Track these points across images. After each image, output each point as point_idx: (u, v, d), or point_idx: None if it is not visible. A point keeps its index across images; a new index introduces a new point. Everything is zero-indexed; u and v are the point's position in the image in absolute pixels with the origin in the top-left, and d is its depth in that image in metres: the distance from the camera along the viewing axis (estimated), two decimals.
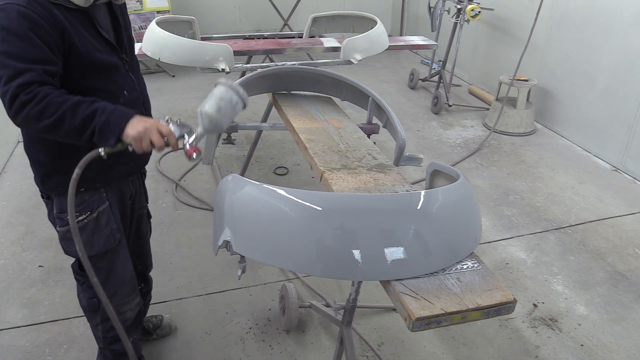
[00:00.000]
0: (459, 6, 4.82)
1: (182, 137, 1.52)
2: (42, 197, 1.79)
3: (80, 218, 1.71)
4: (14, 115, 1.43)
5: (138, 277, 2.11)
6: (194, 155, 1.50)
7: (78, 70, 1.54)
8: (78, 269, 1.95)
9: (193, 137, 1.52)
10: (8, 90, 1.40)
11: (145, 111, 1.83)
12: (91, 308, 1.95)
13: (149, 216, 2.18)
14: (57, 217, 1.75)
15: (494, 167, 4.09)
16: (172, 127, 1.51)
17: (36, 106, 1.40)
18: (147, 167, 2.05)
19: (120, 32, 1.71)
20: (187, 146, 1.50)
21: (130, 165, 1.83)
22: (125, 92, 1.69)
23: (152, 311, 2.57)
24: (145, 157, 1.88)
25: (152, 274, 2.82)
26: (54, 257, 2.95)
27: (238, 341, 2.42)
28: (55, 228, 1.79)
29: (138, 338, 2.12)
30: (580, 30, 4.29)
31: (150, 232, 2.23)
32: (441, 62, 5.26)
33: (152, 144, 1.46)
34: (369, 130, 2.46)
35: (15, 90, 1.40)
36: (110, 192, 1.78)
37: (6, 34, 1.41)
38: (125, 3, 1.77)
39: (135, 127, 1.44)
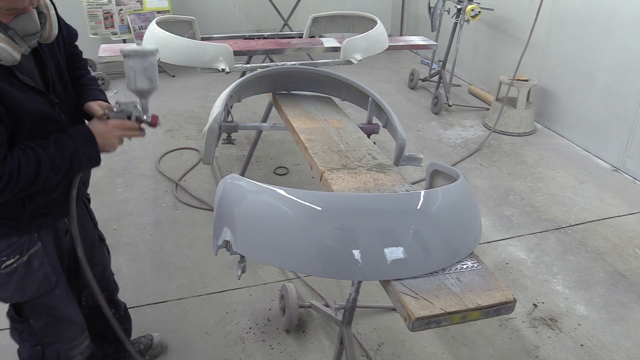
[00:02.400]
0: (459, 6, 4.82)
1: (136, 115, 1.59)
2: None
3: (8, 262, 1.56)
4: None
5: (107, 303, 2.00)
6: (159, 121, 1.64)
7: (7, 129, 1.38)
8: (16, 316, 1.73)
9: (141, 109, 1.60)
10: None
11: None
12: (35, 358, 1.76)
13: (102, 240, 2.02)
14: None
15: (494, 167, 4.09)
16: (117, 114, 1.58)
17: (15, 186, 1.36)
18: (146, 167, 2.03)
19: (46, 71, 1.53)
20: (148, 119, 1.61)
21: (65, 205, 1.69)
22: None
23: (152, 311, 2.57)
24: (80, 193, 1.75)
25: (152, 274, 2.83)
26: None
27: (238, 341, 2.42)
28: None
29: None
30: (580, 30, 4.29)
31: (109, 254, 2.08)
32: (441, 62, 5.26)
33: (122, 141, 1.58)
34: (369, 130, 2.46)
35: None
36: (42, 231, 1.64)
37: None
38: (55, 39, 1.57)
39: (104, 142, 1.54)
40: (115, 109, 1.58)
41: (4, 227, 1.53)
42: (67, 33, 1.69)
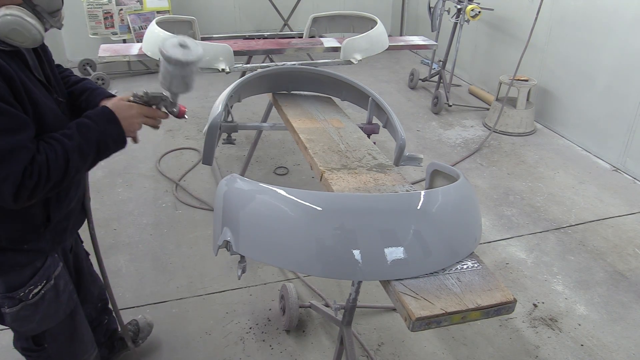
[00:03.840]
0: (459, 6, 4.82)
1: (164, 106, 1.54)
2: None
3: (36, 291, 1.49)
4: (17, 200, 1.26)
5: (101, 313, 2.03)
6: (185, 113, 1.59)
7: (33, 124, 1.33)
8: (33, 346, 1.65)
9: (171, 100, 1.53)
10: (7, 177, 1.22)
11: None
12: None
13: (87, 254, 1.99)
14: (4, 298, 1.48)
15: (494, 167, 4.09)
16: (143, 101, 1.50)
17: (47, 183, 1.28)
18: (146, 167, 2.04)
19: (47, 71, 1.49)
20: (176, 111, 1.55)
21: (80, 218, 1.69)
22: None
23: (152, 311, 2.57)
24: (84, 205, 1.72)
25: (152, 274, 2.84)
26: None
27: (238, 341, 2.42)
28: (2, 310, 1.51)
29: None
30: (580, 31, 4.29)
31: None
32: (441, 62, 5.26)
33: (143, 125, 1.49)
34: (369, 130, 2.46)
35: (16, 178, 1.23)
36: (60, 252, 1.63)
37: None
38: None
39: (126, 125, 1.44)
40: (142, 95, 1.50)
41: (27, 253, 1.46)
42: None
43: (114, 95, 1.61)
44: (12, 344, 1.71)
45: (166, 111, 1.54)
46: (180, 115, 1.56)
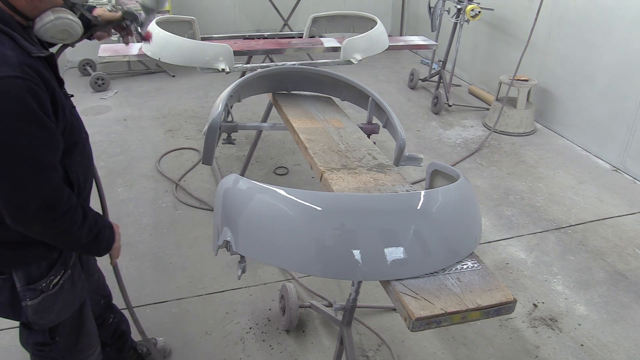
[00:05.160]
0: (459, 6, 4.82)
1: (136, 19, 1.72)
2: None
3: (55, 281, 1.51)
4: (37, 222, 1.28)
5: (105, 310, 2.02)
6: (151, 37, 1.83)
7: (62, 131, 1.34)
8: (49, 339, 1.64)
9: (142, 20, 1.74)
10: (39, 194, 1.23)
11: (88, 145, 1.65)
12: None
13: None
14: (25, 291, 1.47)
15: (494, 167, 4.09)
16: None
17: (73, 216, 1.32)
18: (146, 167, 2.04)
19: (58, 75, 1.48)
20: (144, 29, 1.75)
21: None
22: (83, 135, 1.52)
23: (152, 311, 2.57)
24: None
25: (152, 274, 2.84)
26: None
27: (238, 341, 2.42)
28: (23, 304, 1.49)
29: None
30: (580, 30, 4.29)
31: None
32: (441, 62, 5.26)
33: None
34: (369, 130, 2.46)
35: (50, 197, 1.25)
36: None
37: (21, 123, 1.17)
38: None
39: (117, 240, 1.60)
40: (120, 7, 1.72)
41: (46, 245, 1.45)
42: None
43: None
44: (12, 344, 1.69)
45: (136, 30, 1.71)
46: (146, 37, 1.77)
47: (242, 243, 1.49)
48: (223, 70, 2.88)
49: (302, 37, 3.89)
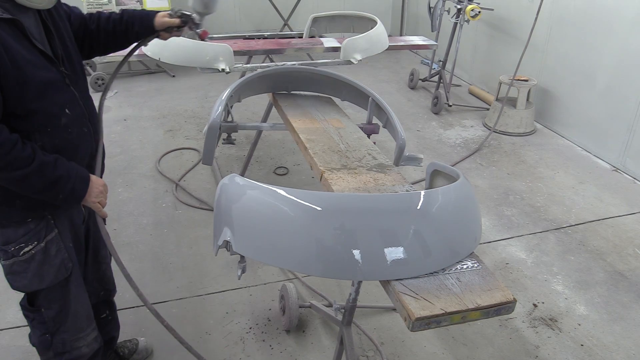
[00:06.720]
0: (459, 6, 4.82)
1: (193, 20, 1.88)
2: None
3: (27, 249, 1.58)
4: None
5: (101, 303, 2.02)
6: (208, 36, 1.97)
7: (10, 92, 1.38)
8: (27, 305, 1.75)
9: (196, 21, 1.90)
10: None
11: (92, 126, 1.70)
12: (43, 345, 1.78)
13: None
14: (0, 250, 1.60)
15: (494, 167, 4.09)
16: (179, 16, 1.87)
17: (3, 158, 1.35)
18: (146, 167, 2.04)
19: (53, 42, 1.54)
20: (199, 29, 1.92)
21: None
22: (66, 110, 1.55)
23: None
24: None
25: (152, 274, 2.83)
26: None
27: (238, 341, 2.42)
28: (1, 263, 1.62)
29: None
30: (580, 30, 4.29)
31: (110, 255, 2.01)
32: (441, 62, 5.26)
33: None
34: (369, 130, 2.46)
35: None
36: (58, 218, 1.66)
37: None
38: (56, 11, 1.59)
39: (90, 194, 1.60)
40: (177, 11, 1.85)
41: (20, 210, 1.54)
42: (72, 13, 1.74)
43: (157, 12, 1.87)
44: (12, 344, 1.72)
45: (194, 23, 1.87)
46: (203, 36, 1.93)
47: (242, 243, 1.49)
48: (223, 70, 2.89)
49: (302, 37, 3.89)
